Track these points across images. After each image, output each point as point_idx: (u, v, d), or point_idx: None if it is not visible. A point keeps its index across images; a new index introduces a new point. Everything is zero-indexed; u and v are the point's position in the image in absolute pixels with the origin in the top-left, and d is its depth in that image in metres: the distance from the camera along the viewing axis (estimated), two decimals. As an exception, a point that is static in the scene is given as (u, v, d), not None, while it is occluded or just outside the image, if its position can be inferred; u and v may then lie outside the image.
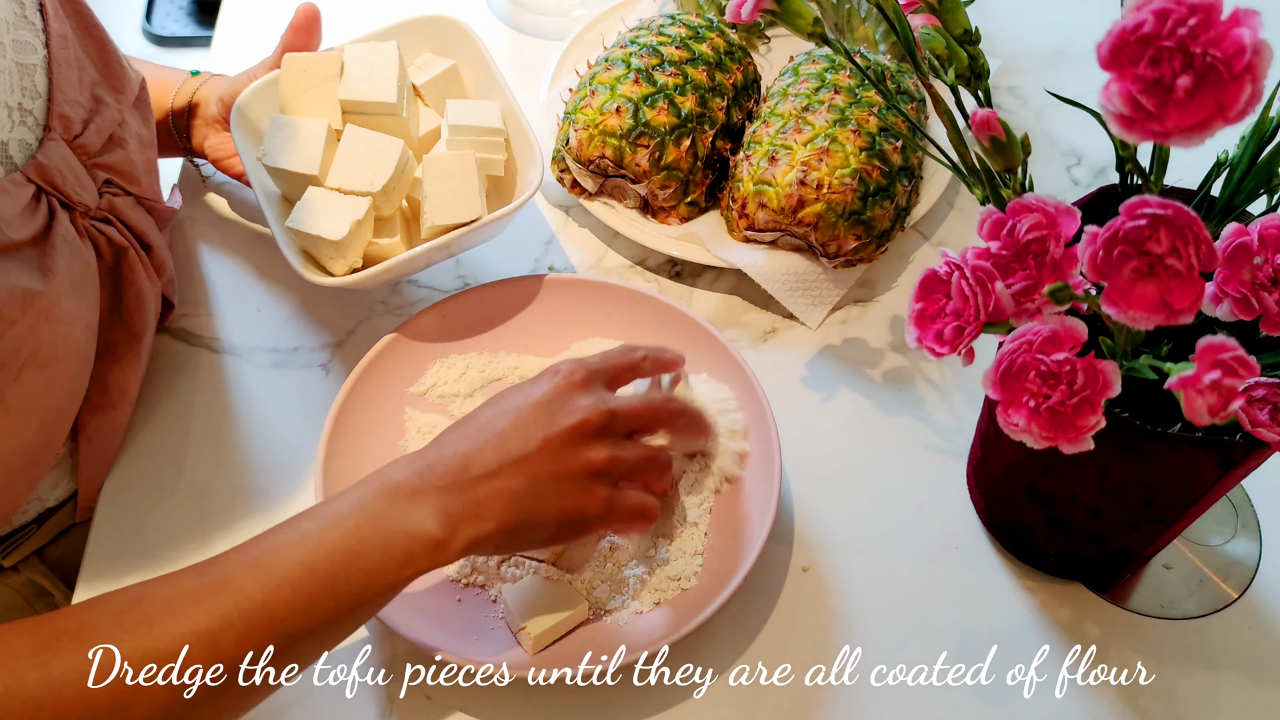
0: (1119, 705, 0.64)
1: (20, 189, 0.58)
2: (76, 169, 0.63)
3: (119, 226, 0.67)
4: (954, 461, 0.75)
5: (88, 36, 0.66)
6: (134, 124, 0.70)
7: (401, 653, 0.66)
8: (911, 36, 0.56)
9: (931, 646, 0.67)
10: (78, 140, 0.63)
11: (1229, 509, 0.73)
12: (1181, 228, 0.42)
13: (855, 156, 0.79)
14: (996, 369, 0.47)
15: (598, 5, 1.04)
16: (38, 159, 0.60)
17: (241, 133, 0.77)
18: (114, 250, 0.66)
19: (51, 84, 0.61)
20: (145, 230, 0.70)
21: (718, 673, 0.66)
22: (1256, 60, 0.39)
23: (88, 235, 0.64)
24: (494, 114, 0.77)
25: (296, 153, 0.72)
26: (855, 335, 0.82)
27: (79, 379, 0.64)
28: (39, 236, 0.59)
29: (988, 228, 0.49)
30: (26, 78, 0.60)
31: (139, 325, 0.70)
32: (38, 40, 0.61)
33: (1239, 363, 0.42)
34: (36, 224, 0.59)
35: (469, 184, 0.72)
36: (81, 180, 0.63)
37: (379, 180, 0.72)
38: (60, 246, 0.60)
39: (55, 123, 0.61)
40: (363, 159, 0.72)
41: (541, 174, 0.74)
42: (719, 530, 0.69)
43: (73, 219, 0.62)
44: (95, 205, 0.65)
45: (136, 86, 0.70)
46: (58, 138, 0.61)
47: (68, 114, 0.62)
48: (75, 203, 0.62)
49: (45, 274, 0.58)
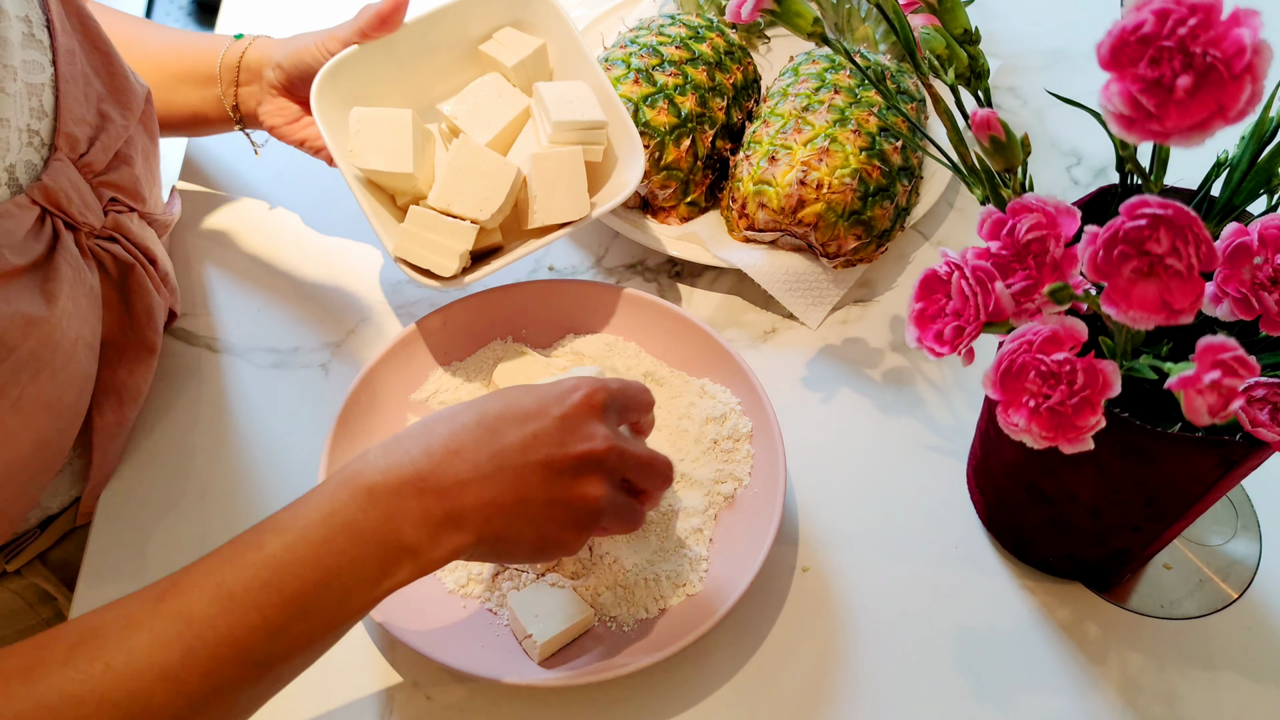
0: (1119, 705, 0.64)
1: (25, 211, 0.57)
2: (82, 189, 0.62)
3: (124, 244, 0.66)
4: (954, 461, 0.75)
5: (94, 50, 0.65)
6: (140, 139, 0.69)
7: (402, 655, 0.66)
8: (911, 36, 0.56)
9: (931, 646, 0.67)
10: (83, 159, 0.62)
11: (1229, 509, 0.73)
12: (1181, 228, 0.42)
13: (855, 156, 0.79)
14: (996, 369, 0.47)
15: (598, 5, 1.04)
16: (43, 180, 0.59)
17: (325, 110, 0.73)
18: (120, 267, 0.66)
19: (59, 103, 0.61)
20: (149, 244, 0.70)
21: (720, 674, 0.65)
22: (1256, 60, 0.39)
23: (92, 255, 0.64)
24: (592, 103, 0.74)
25: (387, 151, 0.71)
26: (855, 335, 0.82)
27: (80, 400, 0.64)
28: (42, 260, 0.58)
29: (988, 228, 0.49)
30: (35, 98, 0.59)
31: (151, 337, 0.71)
32: (45, 59, 0.60)
33: (1239, 363, 0.42)
34: (41, 246, 0.58)
35: (577, 182, 0.72)
36: (87, 200, 0.63)
37: (489, 209, 0.70)
38: (63, 271, 0.59)
39: (61, 142, 0.61)
40: (473, 184, 0.70)
41: (642, 165, 0.75)
42: (723, 534, 0.69)
43: (77, 239, 0.62)
44: (100, 225, 0.64)
45: (142, 99, 0.69)
46: (64, 157, 0.61)
47: (74, 133, 0.61)
48: (80, 223, 0.62)
49: (48, 299, 0.58)
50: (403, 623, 0.63)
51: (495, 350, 0.77)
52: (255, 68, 0.78)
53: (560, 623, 0.63)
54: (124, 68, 0.68)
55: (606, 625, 0.66)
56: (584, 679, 0.60)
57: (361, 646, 0.67)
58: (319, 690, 0.65)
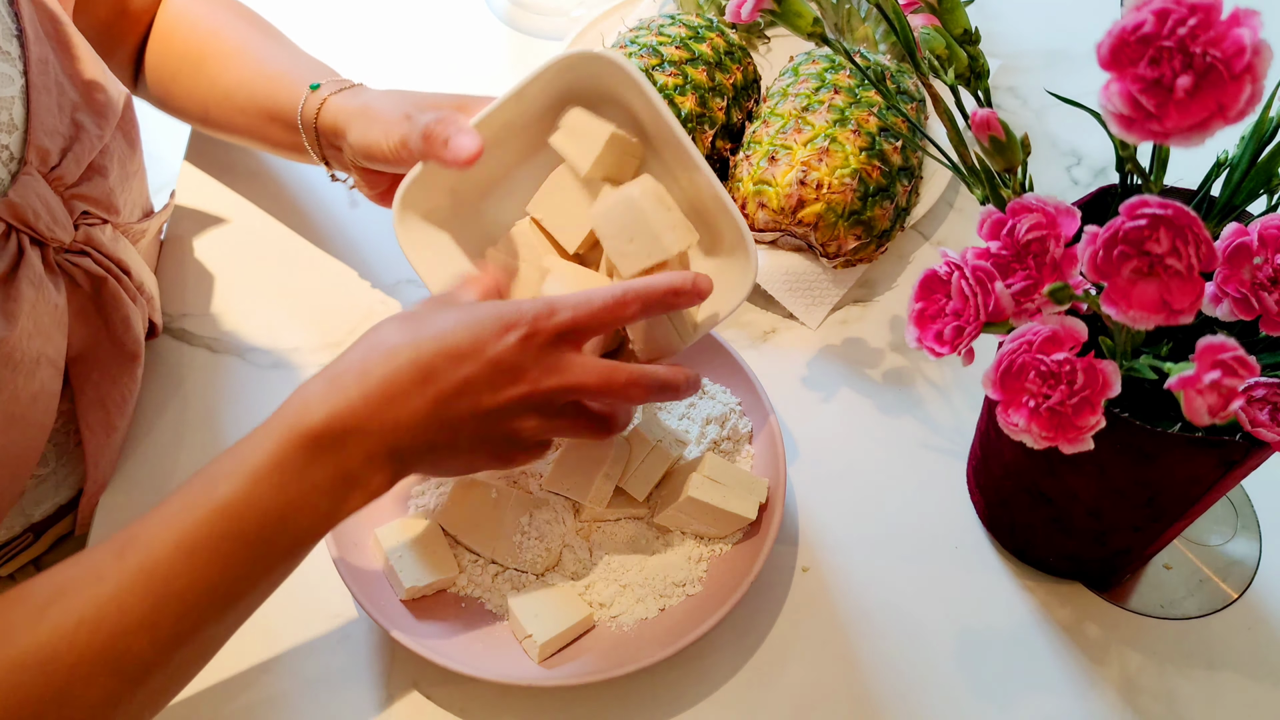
0: (1119, 705, 0.64)
1: None
2: (51, 203, 0.60)
3: (95, 256, 0.65)
4: (954, 461, 0.75)
5: (68, 57, 0.63)
6: (117, 148, 0.67)
7: (402, 655, 0.66)
8: (911, 36, 0.56)
9: (931, 646, 0.67)
10: (54, 171, 0.60)
11: (1229, 509, 0.73)
12: (1181, 228, 0.42)
13: (855, 156, 0.79)
14: (996, 369, 0.47)
15: (598, 5, 1.04)
16: (9, 196, 0.57)
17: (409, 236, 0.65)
18: (92, 280, 0.65)
19: (29, 114, 0.59)
20: (122, 255, 0.68)
21: (720, 675, 0.65)
22: (1256, 60, 0.39)
23: (61, 270, 0.62)
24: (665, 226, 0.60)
25: None
26: (855, 335, 0.82)
27: (46, 416, 0.63)
28: (4, 279, 0.57)
29: (988, 228, 0.49)
30: (4, 111, 0.58)
31: (132, 346, 0.70)
32: (15, 70, 0.59)
33: (1239, 363, 0.42)
34: (2, 264, 0.57)
35: None
36: (56, 215, 0.61)
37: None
38: (25, 290, 0.58)
39: (32, 155, 0.59)
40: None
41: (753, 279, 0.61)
42: (720, 531, 0.69)
43: (45, 255, 0.60)
44: (70, 239, 0.62)
45: (120, 107, 0.66)
46: (33, 171, 0.59)
47: (45, 145, 0.60)
48: (48, 239, 0.60)
49: (7, 319, 0.57)
50: (403, 624, 0.63)
51: None
52: (331, 136, 0.72)
53: (560, 623, 0.63)
54: (102, 74, 0.66)
55: (606, 625, 0.66)
56: (584, 679, 0.60)
57: (362, 647, 0.67)
58: (319, 691, 0.65)
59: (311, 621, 0.68)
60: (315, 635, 0.67)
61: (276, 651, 0.66)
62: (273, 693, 0.65)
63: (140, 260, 0.72)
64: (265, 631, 0.67)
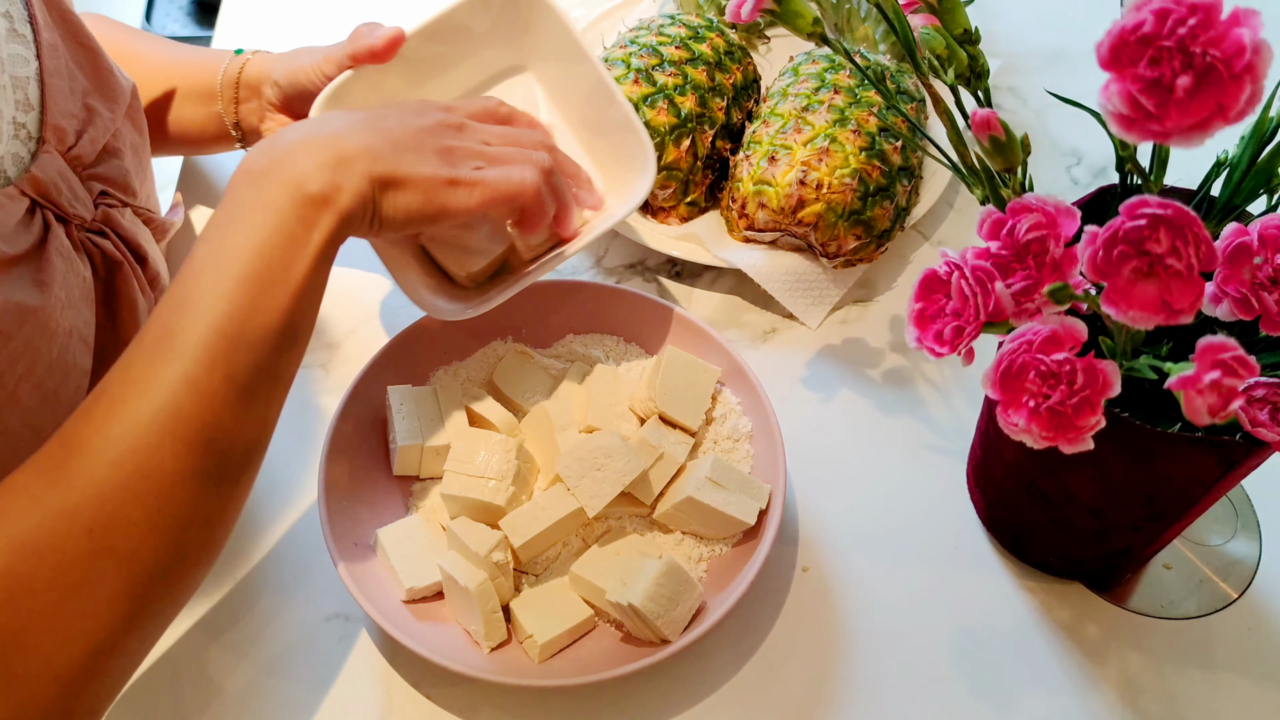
0: (1119, 705, 0.64)
1: (15, 203, 0.57)
2: (71, 181, 0.62)
3: (114, 239, 0.66)
4: (954, 461, 0.75)
5: (77, 45, 0.65)
6: (128, 133, 0.69)
7: (403, 656, 0.66)
8: (911, 36, 0.56)
9: (931, 646, 0.67)
10: (71, 151, 0.62)
11: (1229, 509, 0.73)
12: (1181, 228, 0.42)
13: (855, 156, 0.79)
14: (996, 369, 0.47)
15: (598, 5, 1.04)
16: (32, 172, 0.59)
17: None
18: (108, 264, 0.66)
19: (44, 95, 0.61)
20: (141, 242, 0.69)
21: (720, 674, 0.65)
22: (1256, 60, 0.39)
23: (83, 248, 0.63)
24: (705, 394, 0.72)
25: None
26: (855, 335, 0.82)
27: (76, 395, 0.64)
28: (34, 250, 0.58)
29: (988, 228, 0.49)
30: (20, 91, 0.59)
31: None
32: (29, 52, 0.60)
33: (1239, 363, 0.42)
34: (31, 238, 0.58)
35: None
36: (76, 192, 0.63)
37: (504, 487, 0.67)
38: (55, 261, 0.59)
39: (49, 135, 0.61)
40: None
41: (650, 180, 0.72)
42: (719, 531, 0.69)
43: (68, 232, 0.62)
44: (91, 217, 0.64)
45: (129, 94, 0.69)
46: (52, 150, 0.61)
47: (61, 125, 0.61)
48: (70, 215, 0.62)
49: (41, 288, 0.58)
50: (403, 625, 0.63)
51: (495, 350, 0.77)
52: (254, 84, 0.77)
53: (560, 623, 0.63)
54: (108, 63, 0.68)
55: (606, 625, 0.66)
56: (584, 679, 0.60)
57: (362, 648, 0.67)
58: (320, 691, 0.65)
59: (311, 621, 0.68)
60: (315, 635, 0.67)
61: (276, 651, 0.66)
62: (273, 693, 0.65)
63: (159, 255, 0.73)
64: (265, 631, 0.67)
